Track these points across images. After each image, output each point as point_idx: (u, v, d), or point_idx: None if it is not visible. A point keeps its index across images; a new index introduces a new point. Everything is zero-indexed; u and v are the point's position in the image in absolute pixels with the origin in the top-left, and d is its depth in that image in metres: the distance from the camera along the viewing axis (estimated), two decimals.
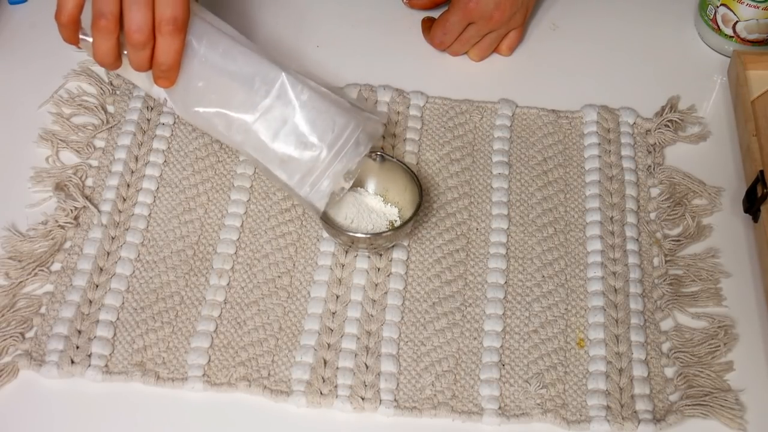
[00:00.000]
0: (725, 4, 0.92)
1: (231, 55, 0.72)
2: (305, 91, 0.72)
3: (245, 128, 0.73)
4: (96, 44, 0.70)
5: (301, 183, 0.74)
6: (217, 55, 0.72)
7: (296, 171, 0.73)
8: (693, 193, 0.84)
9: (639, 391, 0.72)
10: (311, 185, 0.74)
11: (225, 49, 0.72)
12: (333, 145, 0.73)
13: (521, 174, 0.85)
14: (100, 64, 0.72)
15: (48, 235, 0.78)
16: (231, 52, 0.72)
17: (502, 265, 0.79)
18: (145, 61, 0.71)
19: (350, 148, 0.74)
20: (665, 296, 0.77)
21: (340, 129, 0.73)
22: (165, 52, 0.70)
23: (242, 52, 0.73)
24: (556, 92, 0.92)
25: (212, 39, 0.72)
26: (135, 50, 0.70)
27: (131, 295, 0.76)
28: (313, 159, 0.73)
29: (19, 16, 0.96)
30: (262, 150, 0.73)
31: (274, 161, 0.73)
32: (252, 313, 0.75)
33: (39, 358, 0.72)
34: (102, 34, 0.69)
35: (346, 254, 0.79)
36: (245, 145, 0.74)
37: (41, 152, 0.84)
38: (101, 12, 0.68)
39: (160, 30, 0.69)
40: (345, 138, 0.73)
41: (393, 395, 0.71)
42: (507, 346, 0.74)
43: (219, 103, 0.73)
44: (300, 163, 0.73)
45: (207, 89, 0.72)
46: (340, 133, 0.73)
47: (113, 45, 0.70)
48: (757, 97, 0.87)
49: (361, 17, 0.98)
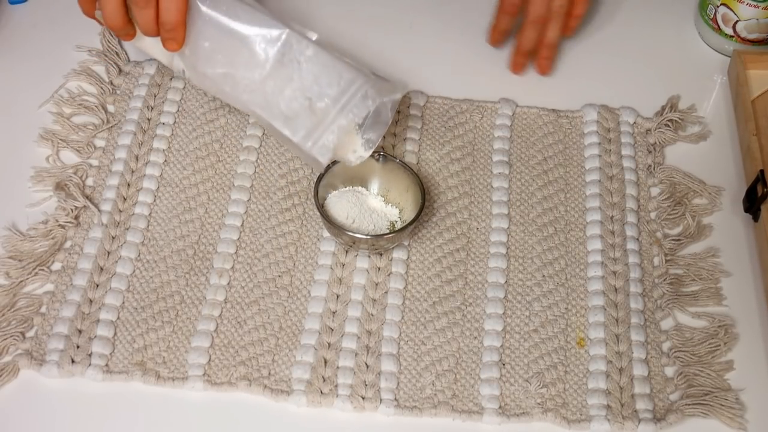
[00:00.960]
0: (725, 3, 0.92)
1: (234, 13, 0.72)
2: (310, 47, 0.72)
3: (251, 87, 0.73)
4: (103, 5, 0.72)
5: (305, 138, 0.73)
6: (220, 14, 0.72)
7: (301, 127, 0.73)
8: (693, 193, 0.84)
9: (639, 391, 0.72)
10: (315, 140, 0.73)
11: (228, 7, 0.72)
12: (338, 99, 0.72)
13: (521, 173, 0.85)
14: (111, 27, 0.73)
15: (48, 234, 0.78)
16: (234, 10, 0.72)
17: (502, 265, 0.79)
18: (151, 21, 0.72)
19: (357, 102, 0.73)
20: (665, 295, 0.77)
21: (346, 83, 0.73)
22: (166, 9, 0.71)
23: (245, 10, 0.72)
24: (556, 92, 0.92)
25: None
26: (138, 8, 0.71)
27: (132, 294, 0.76)
28: (317, 112, 0.72)
29: (19, 16, 0.96)
30: (268, 107, 0.73)
31: (279, 118, 0.73)
32: (252, 312, 0.75)
33: (39, 357, 0.72)
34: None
35: (346, 254, 0.79)
36: (251, 103, 0.73)
37: (42, 152, 0.84)
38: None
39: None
40: (351, 92, 0.73)
41: (393, 394, 0.71)
42: (507, 345, 0.74)
43: (225, 64, 0.73)
44: (304, 119, 0.73)
45: (213, 49, 0.73)
46: (346, 87, 0.73)
47: (118, 6, 0.72)
48: (757, 97, 0.87)
49: (361, 17, 0.98)
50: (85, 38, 0.92)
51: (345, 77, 0.72)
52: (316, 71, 0.72)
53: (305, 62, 0.72)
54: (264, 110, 0.73)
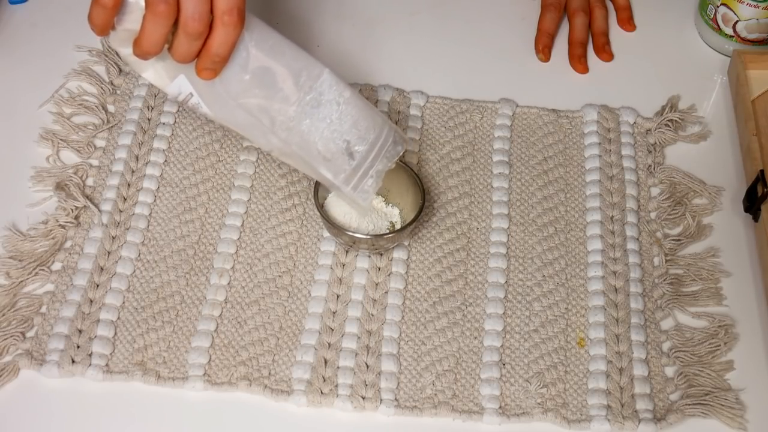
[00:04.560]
0: (725, 3, 0.92)
1: (280, 49, 0.71)
2: (347, 89, 0.72)
3: (288, 125, 0.71)
4: (147, 30, 0.65)
5: (346, 181, 0.73)
6: (266, 48, 0.70)
7: (341, 170, 0.73)
8: (693, 193, 0.84)
9: (639, 391, 0.72)
10: (355, 185, 0.73)
11: (274, 42, 0.71)
12: (375, 143, 0.73)
13: (521, 173, 0.85)
14: (142, 53, 0.67)
15: (49, 234, 0.78)
16: (280, 47, 0.71)
17: (502, 265, 0.79)
18: (195, 53, 0.67)
19: (389, 147, 0.74)
20: (665, 295, 0.77)
21: (380, 128, 0.73)
22: (222, 43, 0.66)
23: (290, 47, 0.71)
24: (556, 92, 0.92)
25: (263, 32, 0.70)
26: (189, 40, 0.65)
27: (132, 294, 0.76)
28: (357, 157, 0.72)
29: (19, 15, 0.96)
30: (306, 147, 0.72)
31: (318, 159, 0.72)
32: (252, 312, 0.75)
33: (40, 357, 0.72)
34: (158, 20, 0.64)
35: (346, 254, 0.79)
36: (289, 141, 0.72)
37: (42, 152, 0.84)
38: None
39: (222, 20, 0.65)
40: (384, 137, 0.73)
41: (393, 394, 0.71)
42: (507, 345, 0.74)
43: (263, 97, 0.71)
44: (344, 161, 0.73)
45: (252, 83, 0.70)
46: (380, 132, 0.73)
47: (165, 33, 0.65)
48: (757, 97, 0.87)
49: (361, 17, 0.98)
50: (85, 38, 0.92)
51: (377, 122, 0.73)
52: (355, 114, 0.72)
53: (344, 104, 0.71)
54: (301, 149, 0.72)
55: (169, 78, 0.71)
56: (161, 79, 0.71)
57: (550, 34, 0.95)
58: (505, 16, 0.99)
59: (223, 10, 0.65)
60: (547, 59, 0.95)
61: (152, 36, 0.65)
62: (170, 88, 0.72)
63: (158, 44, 0.66)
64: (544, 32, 0.95)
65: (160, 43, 0.66)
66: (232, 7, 0.65)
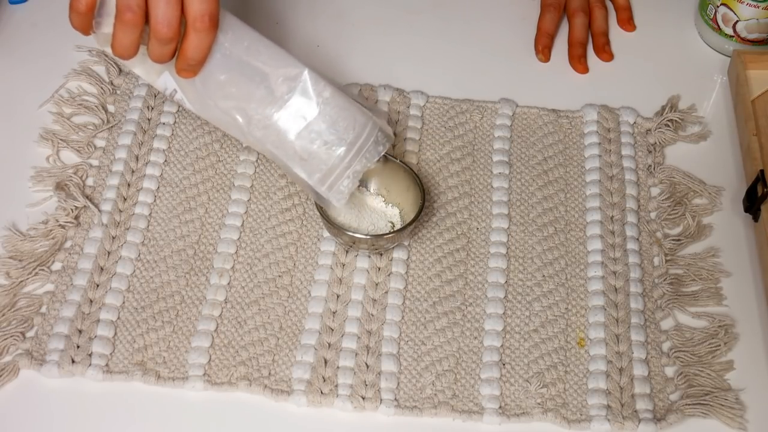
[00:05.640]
0: (725, 3, 0.92)
1: (256, 49, 0.71)
2: (327, 88, 0.71)
3: (265, 124, 0.71)
4: (118, 37, 0.67)
5: (321, 181, 0.73)
6: (242, 49, 0.70)
7: (316, 169, 0.72)
8: (693, 193, 0.84)
9: (639, 391, 0.72)
10: (331, 184, 0.73)
11: (250, 42, 0.71)
12: (354, 143, 0.72)
13: (521, 173, 0.85)
14: (117, 55, 0.69)
15: (48, 234, 0.78)
16: (256, 46, 0.71)
17: (502, 265, 0.79)
18: (169, 55, 0.68)
19: (370, 147, 0.73)
20: (665, 295, 0.77)
21: (361, 127, 0.72)
22: (196, 47, 0.68)
23: (267, 46, 0.71)
24: (556, 92, 0.92)
25: (237, 32, 0.71)
26: (161, 45, 0.67)
27: (132, 294, 0.76)
28: (334, 157, 0.72)
29: (19, 15, 0.96)
30: (282, 146, 0.72)
31: (294, 158, 0.72)
32: (252, 312, 0.75)
33: (40, 357, 0.72)
34: (126, 27, 0.66)
35: (346, 254, 0.79)
36: (265, 140, 0.72)
37: (42, 152, 0.84)
38: (127, 5, 0.65)
39: (194, 26, 0.66)
40: (365, 137, 0.72)
41: (393, 394, 0.71)
42: (507, 345, 0.74)
43: (239, 97, 0.71)
44: (320, 161, 0.72)
45: (228, 82, 0.71)
46: (360, 132, 0.72)
47: (136, 38, 0.67)
48: (757, 97, 0.87)
49: (361, 17, 0.98)
50: (84, 38, 0.91)
51: (359, 121, 0.72)
52: (334, 114, 0.71)
53: (322, 104, 0.71)
54: (278, 148, 0.72)
55: (156, 74, 0.72)
56: (149, 75, 0.73)
57: (550, 35, 0.95)
58: (506, 16, 0.99)
59: (194, 17, 0.66)
60: (547, 59, 0.95)
61: (123, 41, 0.68)
62: (157, 84, 0.73)
63: (130, 48, 0.68)
64: (543, 32, 0.95)
65: (132, 48, 0.68)
66: (203, 13, 0.66)
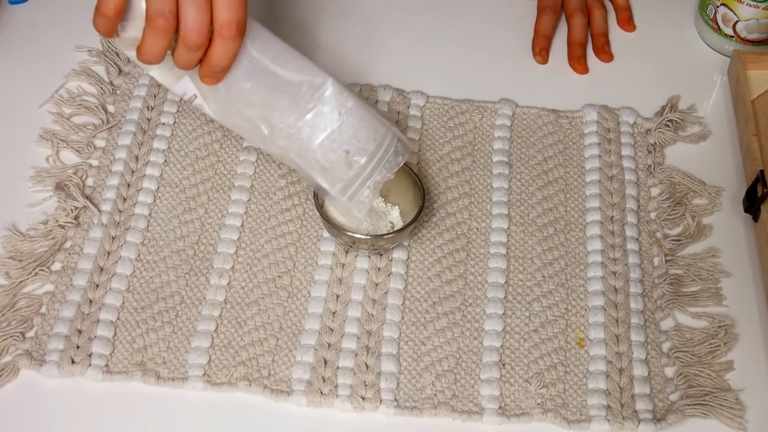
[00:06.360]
0: (725, 3, 0.92)
1: (283, 58, 0.71)
2: (350, 98, 0.71)
3: (288, 132, 0.71)
4: (147, 42, 0.66)
5: (342, 191, 0.73)
6: (268, 58, 0.70)
7: (337, 179, 0.72)
8: (693, 193, 0.84)
9: (639, 391, 0.72)
10: (352, 195, 0.73)
11: (277, 52, 0.71)
12: (375, 153, 0.72)
13: (521, 174, 0.85)
14: (144, 61, 0.68)
15: (48, 234, 0.78)
16: (283, 56, 0.71)
17: (502, 265, 0.79)
18: (195, 62, 0.68)
19: (390, 158, 0.73)
20: (665, 296, 0.77)
21: (381, 138, 0.72)
22: (222, 55, 0.67)
23: (294, 56, 0.71)
24: (556, 92, 0.92)
25: (265, 41, 0.70)
26: (189, 51, 0.66)
27: (131, 294, 0.76)
28: (356, 167, 0.72)
29: (19, 15, 0.96)
30: (305, 155, 0.72)
31: (316, 167, 0.72)
32: (252, 312, 0.75)
33: (39, 357, 0.72)
34: (158, 33, 0.65)
35: (346, 254, 0.79)
36: (287, 149, 0.72)
37: (41, 152, 0.84)
38: (160, 11, 0.64)
39: (220, 33, 0.66)
40: (385, 147, 0.73)
41: (393, 395, 0.71)
42: (507, 345, 0.74)
43: (263, 106, 0.71)
44: (342, 171, 0.72)
45: (253, 91, 0.70)
46: (381, 142, 0.72)
47: (166, 45, 0.67)
48: (757, 97, 0.87)
49: (361, 17, 0.98)
50: (85, 38, 0.92)
51: (380, 132, 0.72)
52: (356, 124, 0.71)
53: (345, 114, 0.71)
54: (300, 157, 0.72)
55: (175, 78, 0.71)
56: (167, 78, 0.72)
57: (547, 37, 0.95)
58: (505, 16, 0.99)
59: (222, 24, 0.66)
60: (545, 61, 0.95)
61: (152, 48, 0.67)
62: (176, 88, 0.72)
63: (159, 55, 0.67)
64: (540, 34, 0.95)
65: (160, 54, 0.67)
66: (231, 20, 0.66)
